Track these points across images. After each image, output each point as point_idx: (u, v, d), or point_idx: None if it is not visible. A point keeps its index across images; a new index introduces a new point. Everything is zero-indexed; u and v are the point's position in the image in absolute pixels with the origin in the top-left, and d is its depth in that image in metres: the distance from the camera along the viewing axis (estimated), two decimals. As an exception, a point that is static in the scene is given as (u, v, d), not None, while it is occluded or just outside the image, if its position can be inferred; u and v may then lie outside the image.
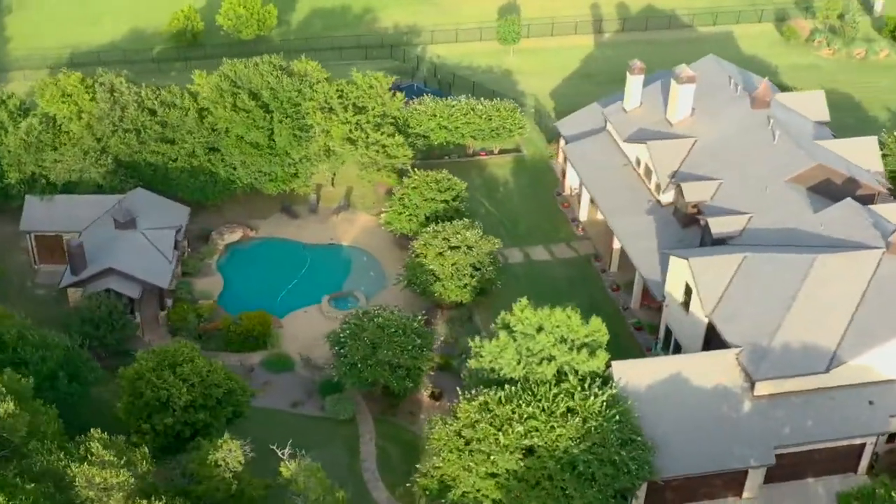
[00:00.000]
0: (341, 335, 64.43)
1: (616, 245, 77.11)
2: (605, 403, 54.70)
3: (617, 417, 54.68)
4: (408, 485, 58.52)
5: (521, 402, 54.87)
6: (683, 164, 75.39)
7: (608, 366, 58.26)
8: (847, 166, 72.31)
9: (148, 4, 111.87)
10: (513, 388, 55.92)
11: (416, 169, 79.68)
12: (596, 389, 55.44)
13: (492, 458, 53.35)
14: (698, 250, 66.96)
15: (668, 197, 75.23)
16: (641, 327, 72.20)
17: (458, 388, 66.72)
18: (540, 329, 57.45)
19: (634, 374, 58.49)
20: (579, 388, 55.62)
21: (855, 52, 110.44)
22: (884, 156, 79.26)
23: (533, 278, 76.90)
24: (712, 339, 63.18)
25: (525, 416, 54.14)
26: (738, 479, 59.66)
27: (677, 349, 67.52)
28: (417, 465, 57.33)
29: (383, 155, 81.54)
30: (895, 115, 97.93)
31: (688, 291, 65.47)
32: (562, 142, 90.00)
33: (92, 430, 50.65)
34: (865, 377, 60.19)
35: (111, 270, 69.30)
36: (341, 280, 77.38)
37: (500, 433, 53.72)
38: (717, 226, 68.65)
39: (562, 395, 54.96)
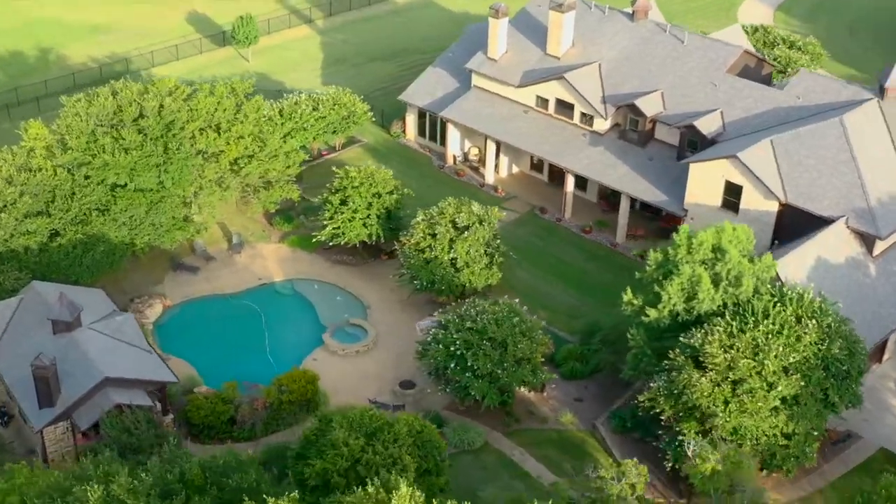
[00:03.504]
0: (455, 351, 53.10)
1: (569, 189, 72.28)
2: (817, 301, 50.82)
3: (841, 306, 51.25)
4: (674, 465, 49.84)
5: (747, 326, 49.08)
6: (604, 88, 72.53)
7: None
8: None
9: None
10: (728, 316, 49.81)
11: (345, 168, 67.94)
12: (800, 290, 51.26)
13: (777, 389, 47.11)
14: (717, 149, 64.72)
15: (605, 124, 71.82)
16: (643, 256, 68.43)
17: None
18: (717, 249, 51.80)
19: (792, 269, 55.15)
20: (781, 294, 51.07)
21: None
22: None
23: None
24: (785, 226, 61.52)
25: (769, 335, 48.51)
26: (880, 345, 58.99)
27: (721, 257, 64.80)
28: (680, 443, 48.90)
29: (282, 166, 68.94)
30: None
31: (731, 192, 63.04)
32: (409, 117, 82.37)
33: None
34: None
35: (107, 381, 50.64)
36: (313, 316, 64.00)
37: (765, 362, 47.60)
38: (705, 126, 66.87)
39: (779, 306, 50.04)
